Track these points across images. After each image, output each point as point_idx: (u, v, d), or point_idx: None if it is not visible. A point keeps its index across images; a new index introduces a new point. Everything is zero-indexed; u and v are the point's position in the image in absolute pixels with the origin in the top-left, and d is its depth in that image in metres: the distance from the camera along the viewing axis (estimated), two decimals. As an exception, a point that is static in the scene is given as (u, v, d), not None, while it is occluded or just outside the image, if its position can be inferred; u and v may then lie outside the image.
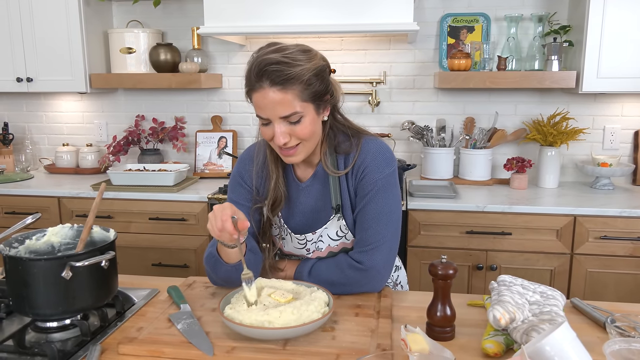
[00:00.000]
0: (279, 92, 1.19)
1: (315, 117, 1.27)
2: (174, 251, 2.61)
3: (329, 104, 1.32)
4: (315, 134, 1.29)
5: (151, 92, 3.14)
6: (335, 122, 1.36)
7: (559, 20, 2.72)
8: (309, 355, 1.03)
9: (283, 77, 1.18)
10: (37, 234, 1.28)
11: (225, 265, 1.27)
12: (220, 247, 1.26)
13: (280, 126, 1.23)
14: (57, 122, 3.28)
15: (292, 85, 1.19)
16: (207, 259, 1.32)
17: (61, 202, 2.67)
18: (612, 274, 2.32)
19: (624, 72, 2.45)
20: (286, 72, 1.19)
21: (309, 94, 1.22)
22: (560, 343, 0.86)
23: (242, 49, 3.01)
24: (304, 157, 1.30)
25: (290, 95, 1.20)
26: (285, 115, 1.22)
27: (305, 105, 1.23)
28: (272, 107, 1.21)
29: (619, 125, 2.80)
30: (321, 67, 1.25)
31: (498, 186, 2.74)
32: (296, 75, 1.19)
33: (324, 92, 1.27)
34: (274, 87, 1.19)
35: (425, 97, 2.91)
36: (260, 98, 1.21)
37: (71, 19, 2.79)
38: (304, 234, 1.38)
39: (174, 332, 1.12)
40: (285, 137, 1.24)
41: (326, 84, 1.27)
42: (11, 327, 1.21)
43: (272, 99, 1.20)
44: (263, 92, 1.20)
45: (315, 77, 1.23)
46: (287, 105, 1.21)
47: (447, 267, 1.12)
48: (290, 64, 1.19)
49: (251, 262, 1.29)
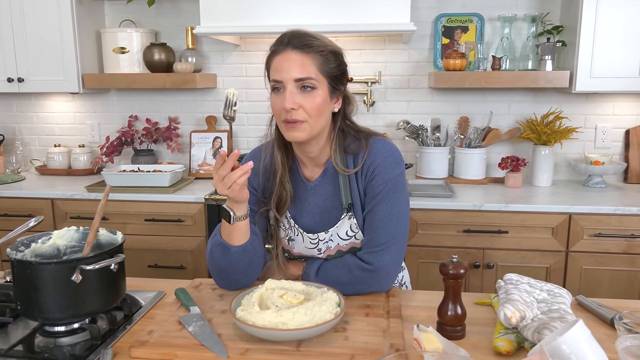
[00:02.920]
0: (300, 54, 1.26)
1: (326, 97, 1.30)
2: (170, 252, 2.59)
3: (341, 95, 1.36)
4: (322, 117, 1.30)
5: (144, 92, 3.12)
6: (345, 125, 1.38)
7: (552, 20, 2.76)
8: (324, 356, 1.04)
9: (305, 43, 1.26)
10: (42, 237, 1.26)
11: (233, 248, 1.28)
12: (228, 229, 1.27)
13: (292, 91, 1.26)
14: (48, 123, 3.24)
15: (312, 52, 1.26)
16: (212, 250, 1.32)
17: (55, 204, 2.64)
18: (607, 271, 2.35)
19: (616, 72, 2.48)
20: (309, 40, 1.27)
21: (326, 69, 1.28)
22: (577, 341, 0.87)
23: (236, 48, 3.00)
24: (307, 138, 1.30)
25: (309, 60, 1.26)
26: (301, 78, 1.25)
27: (320, 78, 1.28)
28: (289, 67, 1.25)
29: (610, 124, 2.84)
30: (340, 51, 1.33)
31: (493, 185, 2.76)
32: (318, 45, 1.27)
33: (339, 76, 1.32)
34: (295, 49, 1.26)
35: (420, 96, 2.93)
36: (281, 59, 1.27)
37: (63, 18, 2.75)
38: (316, 233, 1.38)
39: (186, 335, 1.12)
40: (294, 103, 1.25)
41: (342, 71, 1.33)
42: (16, 332, 1.20)
43: (291, 60, 1.25)
44: (284, 54, 1.27)
45: (334, 57, 1.30)
46: (305, 68, 1.25)
47: (458, 267, 1.13)
48: (314, 36, 1.29)
49: (255, 242, 1.31)
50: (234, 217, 1.25)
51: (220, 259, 1.30)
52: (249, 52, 2.99)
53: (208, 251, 1.34)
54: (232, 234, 1.28)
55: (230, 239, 1.29)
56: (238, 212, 1.26)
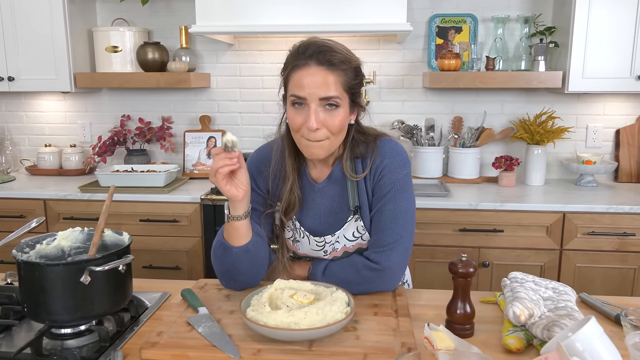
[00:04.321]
0: (325, 71, 1.21)
1: (347, 113, 1.28)
2: (166, 253, 2.57)
3: (357, 109, 1.33)
4: (342, 132, 1.29)
5: (136, 92, 3.09)
6: (358, 132, 1.36)
7: (544, 21, 2.79)
8: (336, 355, 1.04)
9: (331, 59, 1.21)
10: (47, 238, 1.25)
11: (234, 249, 1.27)
12: (228, 228, 1.26)
13: (317, 110, 1.22)
14: (38, 123, 3.20)
15: (337, 69, 1.22)
16: (215, 250, 1.31)
17: (47, 204, 2.61)
18: (600, 269, 2.39)
19: (607, 72, 2.52)
20: (335, 55, 1.21)
21: (349, 85, 1.25)
22: (591, 338, 0.88)
23: (230, 47, 2.98)
24: (326, 155, 1.30)
25: (334, 78, 1.21)
26: (326, 97, 1.21)
27: (343, 95, 1.24)
28: (314, 86, 1.20)
29: (601, 124, 2.88)
30: (360, 65, 1.29)
31: (487, 184, 2.79)
32: (342, 61, 1.22)
33: (358, 91, 1.29)
34: (320, 66, 1.21)
35: (414, 96, 2.94)
36: (304, 75, 1.21)
37: (55, 16, 2.72)
38: (323, 235, 1.38)
39: (196, 336, 1.11)
40: (319, 123, 1.22)
41: (360, 84, 1.29)
42: (20, 334, 1.18)
43: (316, 78, 1.20)
44: (308, 69, 1.21)
45: (355, 72, 1.26)
46: (329, 87, 1.21)
47: (467, 266, 1.14)
48: (339, 49, 1.24)
49: (258, 243, 1.30)
50: (228, 215, 1.25)
51: (222, 259, 1.30)
52: (243, 52, 2.98)
53: (212, 251, 1.33)
54: (231, 233, 1.28)
55: (230, 239, 1.28)
56: (233, 212, 1.24)
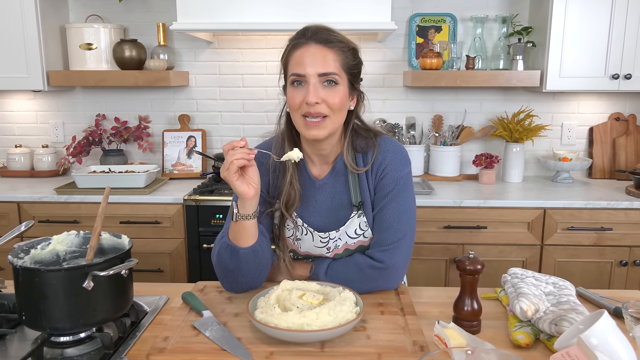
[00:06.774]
0: (323, 48, 1.25)
1: (346, 93, 1.29)
2: (148, 255, 2.51)
3: (357, 95, 1.35)
4: (342, 113, 1.30)
5: (111, 90, 3.01)
6: (356, 124, 1.38)
7: (521, 21, 2.84)
8: (350, 356, 1.03)
9: (328, 38, 1.26)
10: (41, 242, 1.20)
11: (242, 250, 1.25)
12: (235, 229, 1.24)
13: (316, 85, 1.24)
14: (7, 122, 3.07)
15: (335, 47, 1.26)
16: (220, 253, 1.29)
17: (21, 207, 2.51)
18: (578, 263, 2.46)
19: (583, 72, 2.59)
20: (332, 35, 1.27)
21: (347, 65, 1.28)
22: (605, 332, 0.90)
23: (209, 45, 2.94)
24: (326, 135, 1.28)
25: (332, 55, 1.25)
26: (324, 73, 1.24)
27: (342, 74, 1.27)
28: (313, 61, 1.24)
29: (575, 122, 2.96)
30: (358, 49, 1.33)
31: (467, 182, 2.83)
32: (340, 41, 1.27)
33: (357, 74, 1.32)
34: (318, 44, 1.25)
35: (395, 95, 2.96)
36: (303, 52, 1.25)
37: (26, 12, 2.62)
38: (327, 231, 1.37)
39: (204, 340, 1.09)
40: (318, 97, 1.24)
41: (359, 68, 1.33)
42: (13, 343, 1.13)
43: (314, 54, 1.24)
44: (307, 47, 1.25)
45: (353, 54, 1.30)
46: (328, 63, 1.24)
47: (474, 263, 1.15)
48: (336, 31, 1.29)
49: (264, 243, 1.30)
50: (237, 214, 1.23)
51: (228, 261, 1.27)
52: (222, 50, 2.94)
53: (215, 253, 1.30)
54: (238, 234, 1.26)
55: (237, 240, 1.26)
56: (242, 210, 1.23)
